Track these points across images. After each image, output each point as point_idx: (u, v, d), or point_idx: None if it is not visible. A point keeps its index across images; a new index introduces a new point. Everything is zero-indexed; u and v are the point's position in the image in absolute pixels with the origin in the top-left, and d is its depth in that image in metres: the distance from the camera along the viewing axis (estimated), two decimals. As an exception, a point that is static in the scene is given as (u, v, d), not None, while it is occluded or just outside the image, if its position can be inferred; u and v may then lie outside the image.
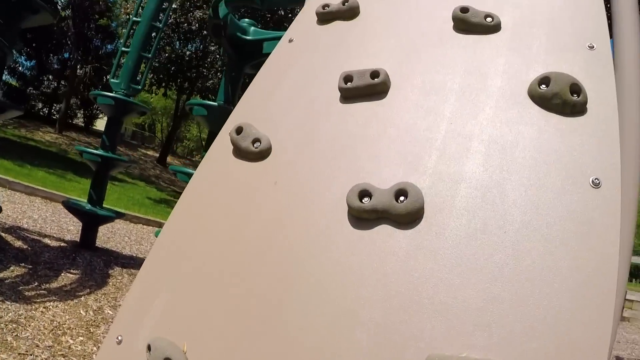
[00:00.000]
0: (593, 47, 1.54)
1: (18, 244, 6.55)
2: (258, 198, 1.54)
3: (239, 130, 1.53)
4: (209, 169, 1.64)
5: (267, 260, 1.75)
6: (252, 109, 1.66)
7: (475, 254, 1.17)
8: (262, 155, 1.49)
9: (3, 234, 6.71)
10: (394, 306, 1.42)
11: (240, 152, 1.53)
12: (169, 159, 28.71)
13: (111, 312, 4.93)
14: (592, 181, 1.23)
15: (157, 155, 28.92)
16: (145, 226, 10.99)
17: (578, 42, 1.57)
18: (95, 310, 4.89)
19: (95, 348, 4.06)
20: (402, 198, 1.26)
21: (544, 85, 1.39)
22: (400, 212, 1.26)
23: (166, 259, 2.16)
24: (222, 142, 1.59)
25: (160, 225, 10.83)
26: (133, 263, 7.23)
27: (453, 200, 1.23)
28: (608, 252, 1.15)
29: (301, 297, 1.61)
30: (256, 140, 1.50)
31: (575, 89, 1.35)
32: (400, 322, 1.36)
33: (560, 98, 1.35)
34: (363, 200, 1.30)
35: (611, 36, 1.97)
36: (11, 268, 5.50)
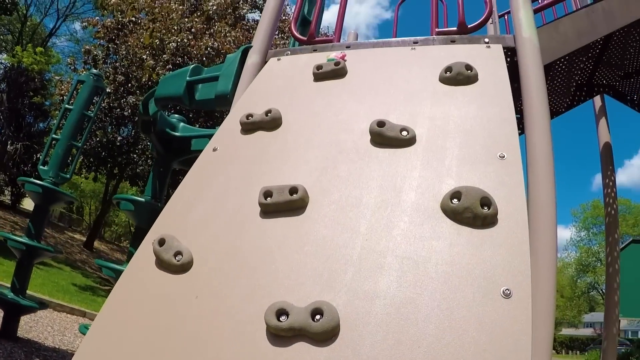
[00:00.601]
0: (504, 156, 1.61)
1: None
2: (180, 311, 1.52)
3: (161, 242, 1.53)
4: (132, 278, 1.61)
5: None
6: (175, 220, 1.66)
7: (390, 371, 1.18)
8: (183, 268, 1.49)
9: None
10: None
11: (162, 264, 1.52)
12: (97, 243, 27.85)
13: (28, 413, 4.65)
14: (503, 291, 1.26)
15: (84, 239, 28.09)
16: (69, 315, 10.50)
17: (489, 152, 1.64)
18: (12, 411, 4.60)
19: None
20: (318, 317, 1.27)
21: (455, 200, 1.44)
22: (317, 330, 1.27)
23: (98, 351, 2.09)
24: (145, 251, 1.59)
25: (84, 314, 10.42)
26: (55, 356, 6.86)
27: (368, 316, 1.25)
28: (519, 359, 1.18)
29: None
30: (178, 253, 1.50)
31: (486, 202, 1.41)
32: None
33: (471, 212, 1.41)
34: (280, 319, 1.31)
35: (523, 132, 2.08)
36: None
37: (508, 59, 2.09)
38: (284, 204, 1.52)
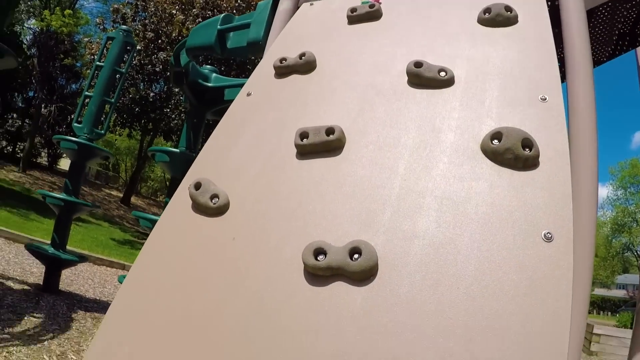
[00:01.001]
0: (545, 99, 1.56)
1: (-21, 287, 6.39)
2: (217, 253, 1.52)
3: (197, 186, 1.53)
4: (168, 223, 1.62)
5: (228, 313, 1.73)
6: (210, 164, 1.65)
7: (429, 309, 1.17)
8: (220, 211, 1.48)
9: (-36, 278, 6.54)
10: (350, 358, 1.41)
11: (199, 208, 1.52)
12: (133, 199, 28.38)
13: (74, 357, 4.80)
14: (544, 235, 1.23)
15: (121, 195, 28.57)
16: (109, 268, 10.77)
17: (530, 94, 1.59)
18: (59, 355, 4.76)
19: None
20: (356, 256, 1.26)
21: (496, 141, 1.40)
22: (355, 269, 1.26)
23: (130, 309, 2.13)
24: (181, 196, 1.58)
25: (123, 267, 10.66)
26: (96, 307, 7.07)
27: (407, 256, 1.24)
28: (560, 306, 1.16)
29: (260, 352, 1.59)
30: (214, 196, 1.49)
31: (527, 143, 1.37)
32: None
33: (512, 153, 1.37)
34: (318, 258, 1.30)
35: (564, 80, 2.01)
36: (-27, 315, 5.36)
37: (549, 2, 2.00)
38: (321, 145, 1.49)
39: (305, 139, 1.50)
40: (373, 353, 1.27)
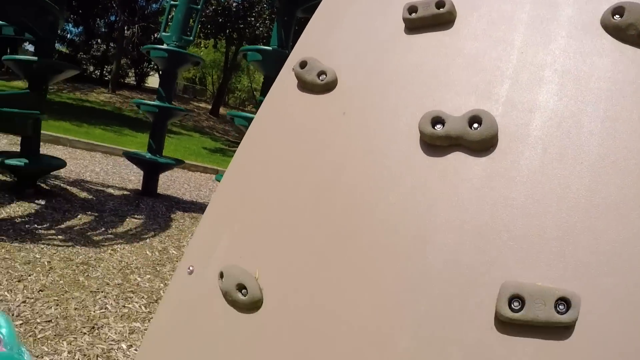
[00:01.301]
0: (670, -26, 1.42)
1: (83, 194, 6.76)
2: (326, 129, 1.52)
3: (302, 65, 1.50)
4: (273, 104, 1.61)
5: (338, 188, 1.74)
6: (314, 43, 1.61)
7: (551, 183, 1.12)
8: (328, 87, 1.46)
9: (68, 187, 6.92)
10: (468, 232, 1.39)
11: (305, 86, 1.50)
12: (222, 110, 28.87)
13: (176, 252, 5.07)
14: (670, 111, 1.15)
15: (210, 107, 29.12)
16: (202, 174, 11.17)
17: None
18: (161, 251, 5.04)
19: (162, 284, 4.19)
20: (475, 125, 1.22)
21: (617, 16, 1.29)
22: (475, 138, 1.22)
23: (235, 191, 2.19)
24: (286, 77, 1.57)
25: (217, 172, 10.99)
26: (194, 207, 7.38)
27: (527, 129, 1.18)
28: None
29: (373, 224, 1.60)
30: (321, 72, 1.46)
31: (652, 18, 1.25)
32: (475, 249, 1.34)
33: (635, 29, 1.26)
34: (436, 127, 1.27)
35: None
36: (79, 216, 5.70)
37: None
38: (431, 18, 1.42)
39: (414, 13, 1.43)
40: (493, 224, 1.25)
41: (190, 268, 2.32)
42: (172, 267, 4.60)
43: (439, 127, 1.26)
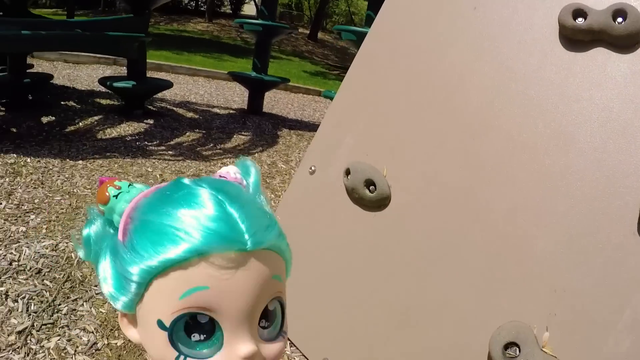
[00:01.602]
0: None
1: (190, 114, 6.83)
2: (456, 26, 1.40)
3: None
4: (395, 4, 1.50)
5: (468, 84, 1.62)
6: None
7: None
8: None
9: (175, 108, 7.02)
10: (613, 131, 1.27)
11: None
12: (320, 34, 28.47)
13: (284, 166, 5.06)
14: None
15: (307, 32, 28.78)
16: (305, 95, 11.10)
17: None
18: (269, 165, 5.04)
19: (273, 195, 4.19)
20: (620, 19, 1.08)
21: None
22: (620, 33, 1.08)
23: (359, 93, 2.09)
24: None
25: (319, 93, 10.92)
26: (299, 125, 7.34)
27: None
28: None
29: (509, 119, 1.48)
30: None
31: None
32: (619, 149, 1.23)
33: None
34: (577, 20, 1.14)
35: None
36: (187, 134, 5.77)
37: None
38: None
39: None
40: (638, 124, 1.19)
41: (312, 168, 2.27)
42: (282, 179, 4.57)
43: (580, 20, 1.13)
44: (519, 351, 1.34)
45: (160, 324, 0.60)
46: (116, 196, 0.68)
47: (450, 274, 1.58)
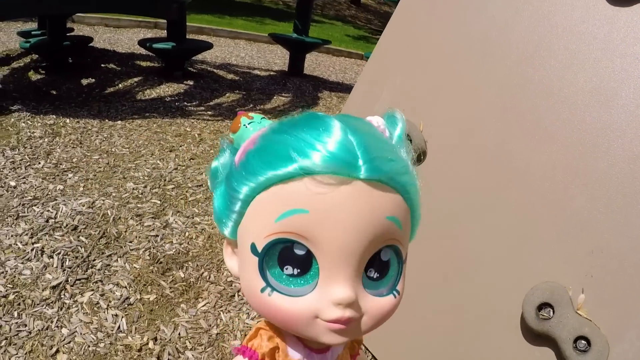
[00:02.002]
0: None
1: (230, 76, 6.79)
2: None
3: None
4: None
5: (512, 35, 1.55)
6: None
7: None
8: None
9: (215, 70, 6.97)
10: None
11: None
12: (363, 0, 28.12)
13: (324, 125, 5.04)
14: None
15: (351, -4, 28.48)
16: (347, 58, 10.93)
17: None
18: (308, 123, 5.03)
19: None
20: None
21: None
22: None
23: (396, 48, 2.03)
24: None
25: (361, 57, 10.76)
26: (340, 88, 7.25)
27: None
28: None
29: (549, 73, 1.41)
30: None
31: None
32: None
33: None
34: None
35: None
36: (226, 94, 5.75)
37: None
38: None
39: None
40: None
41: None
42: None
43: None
44: (553, 312, 1.28)
45: (253, 248, 0.55)
46: (247, 125, 0.65)
47: (484, 232, 1.53)
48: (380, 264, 0.58)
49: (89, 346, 1.94)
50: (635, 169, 1.28)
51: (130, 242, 2.65)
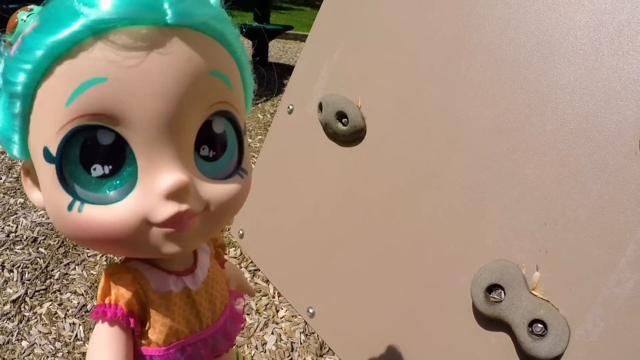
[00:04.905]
0: None
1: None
2: None
3: None
4: None
5: None
6: None
7: None
8: None
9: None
10: (607, 35, 1.06)
11: None
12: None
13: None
14: None
15: (319, -19, 28.04)
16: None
17: None
18: (272, 114, 4.81)
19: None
20: None
21: None
22: None
23: (335, 21, 1.83)
24: None
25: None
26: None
27: None
28: None
29: (489, 31, 1.22)
30: None
31: None
32: (616, 55, 1.06)
33: None
34: None
35: None
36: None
37: None
38: None
39: None
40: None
41: (290, 107, 2.01)
42: (285, 127, 4.38)
43: None
44: (504, 294, 1.08)
45: (47, 153, 0.40)
46: (24, 19, 0.46)
47: (429, 210, 1.33)
48: (214, 138, 0.45)
49: (47, 356, 1.84)
50: (588, 127, 1.08)
51: (88, 249, 2.45)
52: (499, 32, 1.27)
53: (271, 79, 6.35)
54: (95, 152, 0.40)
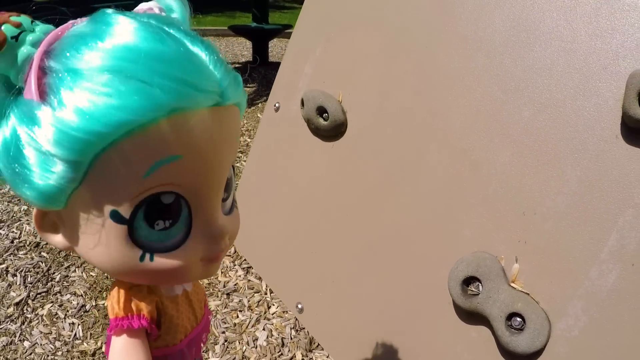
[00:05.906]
0: None
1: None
2: None
3: None
4: None
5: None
6: None
7: None
8: None
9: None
10: (584, 15, 0.98)
11: None
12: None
13: (285, 112, 4.76)
14: None
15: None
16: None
17: None
18: (272, 112, 4.76)
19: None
20: None
21: None
22: None
23: (315, 19, 1.76)
24: None
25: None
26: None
27: None
28: None
29: (463, 17, 1.13)
30: None
31: None
32: (594, 35, 0.98)
33: None
34: None
35: None
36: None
37: None
38: None
39: None
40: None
41: (277, 104, 1.96)
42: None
43: None
44: (482, 287, 1.00)
45: (116, 216, 0.42)
46: (15, 38, 0.41)
47: (408, 203, 1.24)
48: (228, 184, 0.50)
49: (47, 356, 1.82)
50: (566, 112, 0.99)
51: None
52: (475, 17, 1.18)
53: (272, 78, 6.25)
54: (159, 210, 0.43)
